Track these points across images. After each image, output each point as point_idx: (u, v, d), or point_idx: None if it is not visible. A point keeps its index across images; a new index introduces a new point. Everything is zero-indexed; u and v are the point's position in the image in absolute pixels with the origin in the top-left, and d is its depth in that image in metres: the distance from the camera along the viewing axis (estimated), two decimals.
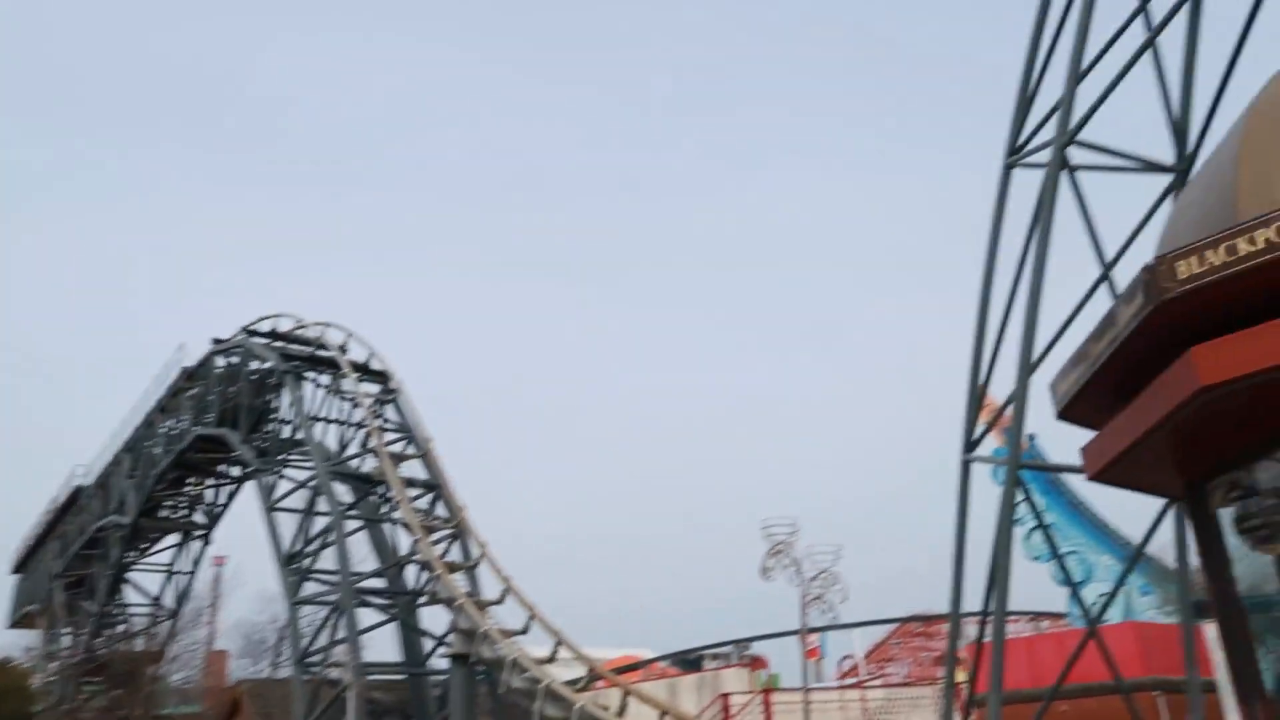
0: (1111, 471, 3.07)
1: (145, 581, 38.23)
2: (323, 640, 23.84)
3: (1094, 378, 2.96)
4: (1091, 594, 31.49)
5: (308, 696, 23.51)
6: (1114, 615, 28.23)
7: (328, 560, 25.30)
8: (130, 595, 38.29)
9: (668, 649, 41.74)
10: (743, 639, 41.85)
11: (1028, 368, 12.56)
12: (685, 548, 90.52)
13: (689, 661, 39.02)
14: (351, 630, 22.21)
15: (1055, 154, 12.65)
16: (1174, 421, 2.67)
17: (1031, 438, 27.95)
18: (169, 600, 37.40)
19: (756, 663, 35.10)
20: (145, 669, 32.76)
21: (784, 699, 22.19)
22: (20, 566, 44.77)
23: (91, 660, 34.78)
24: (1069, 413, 3.20)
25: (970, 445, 14.26)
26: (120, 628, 36.94)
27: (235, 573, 49.05)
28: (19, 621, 44.05)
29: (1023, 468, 12.91)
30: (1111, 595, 14.29)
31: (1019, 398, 12.67)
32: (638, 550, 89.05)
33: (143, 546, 37.96)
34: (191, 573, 37.38)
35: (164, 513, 36.95)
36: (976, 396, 14.14)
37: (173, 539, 37.84)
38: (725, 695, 22.72)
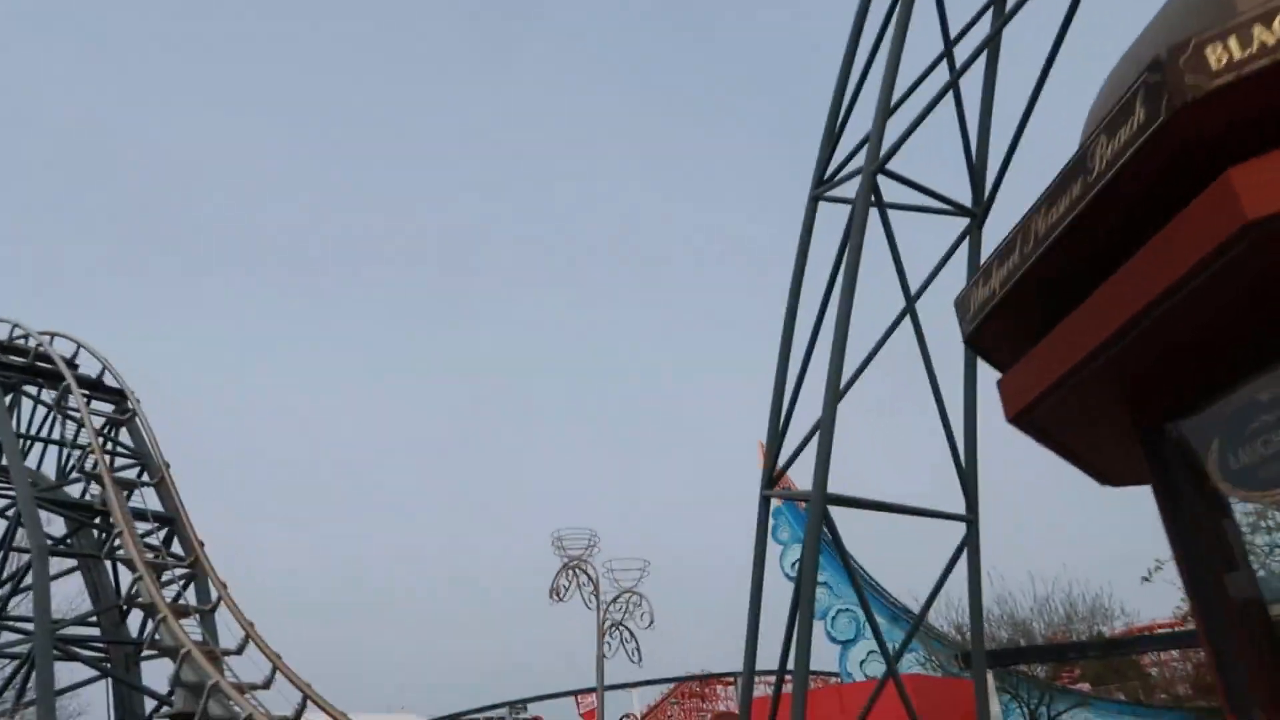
0: (1045, 404, 2.23)
1: None
2: (7, 701, 19.99)
3: (1041, 260, 2.11)
4: (861, 651, 32.54)
5: None
6: (878, 671, 28.84)
7: (27, 605, 21.48)
8: None
9: (436, 711, 39.19)
10: (517, 700, 40.18)
11: (834, 396, 12.22)
12: (467, 592, 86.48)
13: None
14: (45, 687, 18.66)
15: (865, 181, 12.38)
16: (1183, 292, 1.83)
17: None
18: None
19: None
20: None
21: None
22: None
23: None
24: (986, 332, 2.34)
25: (771, 481, 13.76)
26: None
27: None
28: None
29: (831, 502, 12.49)
30: (905, 642, 14.19)
31: (825, 426, 12.19)
32: (410, 597, 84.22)
33: None
34: None
35: None
36: (779, 430, 13.74)
37: None
38: None
